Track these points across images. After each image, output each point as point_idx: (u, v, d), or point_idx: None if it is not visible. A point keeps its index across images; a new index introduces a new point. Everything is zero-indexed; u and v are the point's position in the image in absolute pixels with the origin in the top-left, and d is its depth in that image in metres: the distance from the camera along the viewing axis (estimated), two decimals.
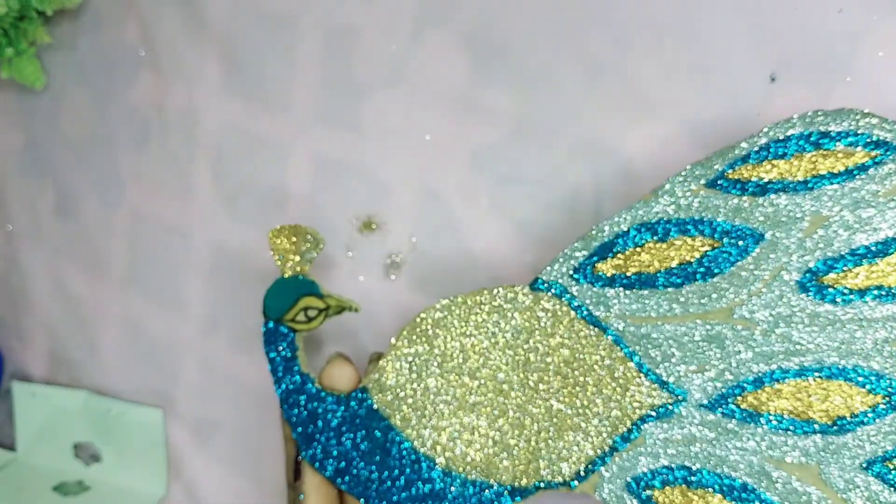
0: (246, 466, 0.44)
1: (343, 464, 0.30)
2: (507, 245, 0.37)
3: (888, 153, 0.27)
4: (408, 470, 0.29)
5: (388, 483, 0.29)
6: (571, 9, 0.35)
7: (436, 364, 0.30)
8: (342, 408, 0.30)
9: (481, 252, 0.37)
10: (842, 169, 0.27)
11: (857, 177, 0.27)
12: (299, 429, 0.30)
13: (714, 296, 0.28)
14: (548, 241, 0.36)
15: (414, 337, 0.30)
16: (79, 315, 0.48)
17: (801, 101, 0.31)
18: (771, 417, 0.28)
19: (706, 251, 0.28)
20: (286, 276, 0.31)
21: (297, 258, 0.31)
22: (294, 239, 0.31)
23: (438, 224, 0.38)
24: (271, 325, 0.31)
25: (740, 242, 0.28)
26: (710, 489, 0.28)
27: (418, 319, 0.30)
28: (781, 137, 0.28)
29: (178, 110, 0.43)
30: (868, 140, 0.27)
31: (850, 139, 0.27)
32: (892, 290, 0.27)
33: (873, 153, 0.27)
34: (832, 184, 0.27)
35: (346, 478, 0.30)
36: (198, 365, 0.45)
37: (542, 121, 0.36)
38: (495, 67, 0.36)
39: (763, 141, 0.28)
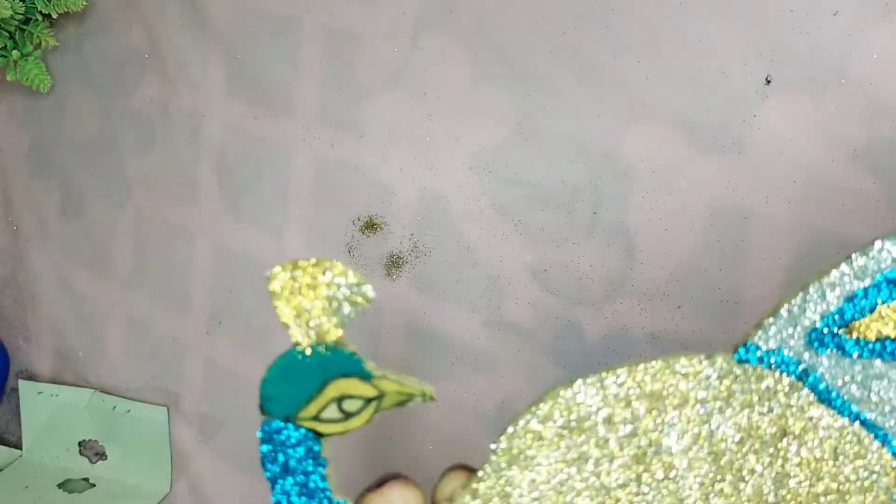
0: (250, 463, 0.44)
1: None
2: (507, 245, 0.37)
3: None
4: None
5: None
6: (570, 13, 0.35)
7: None
8: None
9: (481, 252, 0.38)
10: None
11: None
12: None
13: None
14: (547, 240, 0.37)
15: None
16: (84, 314, 0.49)
17: (796, 103, 0.32)
18: None
19: None
20: (302, 346, 0.18)
21: (325, 317, 0.18)
22: (318, 280, 0.18)
23: (438, 224, 0.39)
24: (278, 424, 0.18)
25: None
26: None
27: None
28: None
29: (182, 112, 0.44)
30: None
31: None
32: None
33: None
34: None
35: None
36: (202, 363, 0.45)
37: (542, 122, 0.36)
38: (495, 70, 0.37)
39: None
